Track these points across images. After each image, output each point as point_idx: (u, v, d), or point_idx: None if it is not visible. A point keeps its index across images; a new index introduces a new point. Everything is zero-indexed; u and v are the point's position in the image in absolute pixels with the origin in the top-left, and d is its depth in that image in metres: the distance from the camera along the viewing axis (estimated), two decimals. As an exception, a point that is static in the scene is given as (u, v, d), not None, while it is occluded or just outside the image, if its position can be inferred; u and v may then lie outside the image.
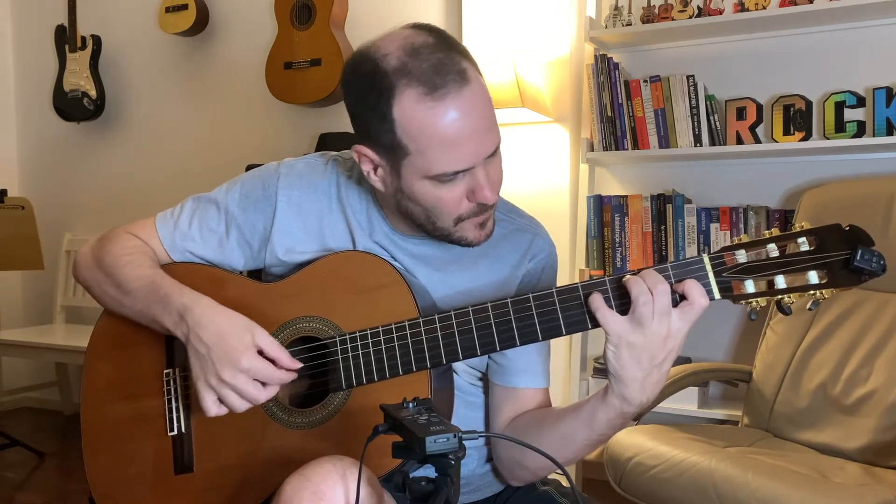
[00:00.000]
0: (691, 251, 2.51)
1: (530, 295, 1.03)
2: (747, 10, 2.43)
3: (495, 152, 1.08)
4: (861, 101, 2.38)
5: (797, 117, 2.41)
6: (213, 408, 1.07)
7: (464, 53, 1.05)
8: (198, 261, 1.24)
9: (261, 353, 1.07)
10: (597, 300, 0.99)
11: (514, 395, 1.21)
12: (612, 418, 1.06)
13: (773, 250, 0.96)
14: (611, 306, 0.99)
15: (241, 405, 1.06)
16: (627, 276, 0.98)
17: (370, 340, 1.09)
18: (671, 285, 0.96)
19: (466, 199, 1.07)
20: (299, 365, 1.09)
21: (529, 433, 1.15)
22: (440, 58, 1.01)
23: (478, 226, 1.11)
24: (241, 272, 1.25)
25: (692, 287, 0.96)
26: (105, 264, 1.20)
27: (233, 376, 1.04)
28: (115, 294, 1.19)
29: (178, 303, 1.10)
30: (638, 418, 2.07)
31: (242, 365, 1.04)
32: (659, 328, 0.96)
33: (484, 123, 1.04)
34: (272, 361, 1.08)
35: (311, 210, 1.20)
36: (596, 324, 1.00)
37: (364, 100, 1.06)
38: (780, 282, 0.95)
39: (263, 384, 1.06)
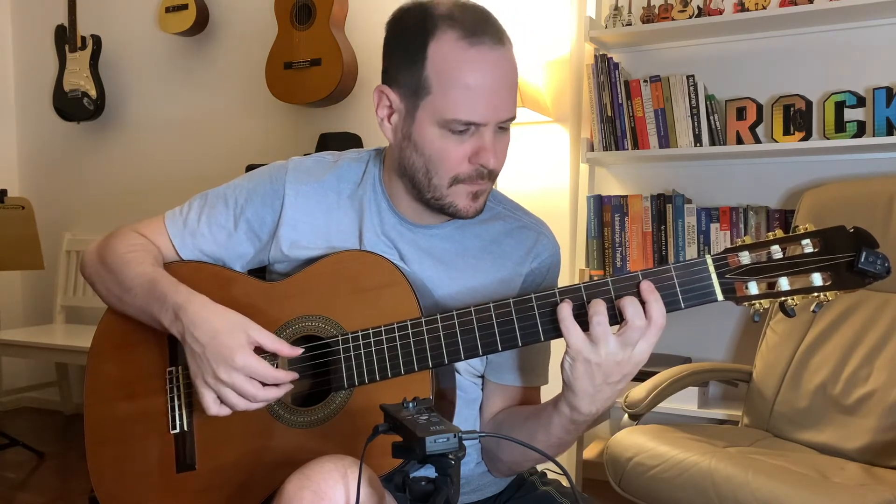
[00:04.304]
0: (691, 251, 2.51)
1: (532, 295, 1.03)
2: (747, 10, 2.43)
3: (506, 126, 1.11)
4: (861, 101, 2.39)
5: (797, 117, 2.41)
6: (213, 406, 1.07)
7: (504, 30, 1.11)
8: (206, 258, 1.25)
9: (260, 349, 1.07)
10: (564, 310, 0.99)
11: (499, 391, 1.23)
12: (565, 424, 1.07)
13: (776, 252, 0.95)
14: (610, 307, 0.99)
15: (241, 403, 1.06)
16: (594, 299, 0.98)
17: (372, 340, 1.09)
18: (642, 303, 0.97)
19: (468, 160, 1.09)
20: (300, 351, 1.09)
21: (502, 430, 1.17)
22: (486, 16, 1.09)
23: (471, 195, 1.12)
24: (245, 271, 1.26)
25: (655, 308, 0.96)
26: (108, 262, 1.21)
27: (228, 375, 1.04)
28: (116, 291, 1.20)
29: (173, 301, 1.11)
30: (637, 418, 2.08)
31: (237, 363, 1.04)
32: (618, 353, 0.97)
33: (507, 88, 1.09)
34: (273, 356, 1.08)
35: (318, 205, 1.21)
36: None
37: (403, 38, 1.11)
38: (784, 283, 0.95)
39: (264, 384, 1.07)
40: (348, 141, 3.06)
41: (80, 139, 3.87)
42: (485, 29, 1.07)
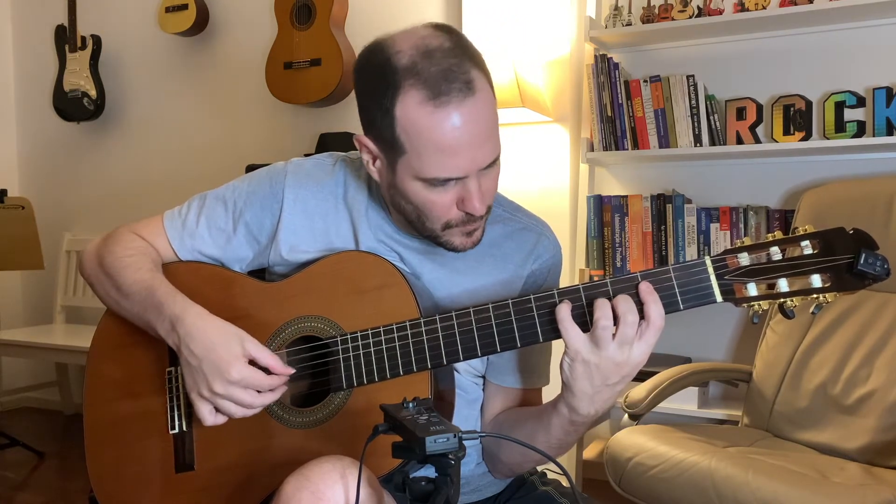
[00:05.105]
0: (691, 251, 2.51)
1: (531, 296, 1.03)
2: (747, 10, 2.43)
3: (492, 164, 1.07)
4: (861, 101, 2.39)
5: (797, 117, 2.41)
6: (209, 417, 1.08)
7: (477, 62, 1.05)
8: (205, 259, 1.24)
9: (253, 362, 1.07)
10: (562, 311, 0.99)
11: (499, 392, 1.23)
12: (564, 425, 1.07)
13: (776, 253, 0.95)
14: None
15: (238, 412, 1.07)
16: (599, 299, 0.98)
17: (371, 340, 1.09)
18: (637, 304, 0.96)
19: (456, 206, 1.07)
20: (292, 371, 1.09)
21: (502, 431, 1.17)
22: (451, 64, 1.01)
23: (465, 234, 1.11)
24: (245, 272, 1.25)
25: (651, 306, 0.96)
26: (106, 264, 1.21)
27: (224, 388, 1.05)
28: (114, 295, 1.20)
29: (170, 312, 1.11)
30: (637, 418, 2.08)
31: (233, 376, 1.04)
32: (616, 354, 0.97)
33: (483, 136, 1.03)
34: (266, 369, 1.08)
35: (316, 209, 1.21)
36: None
37: (371, 91, 1.06)
38: (783, 285, 0.95)
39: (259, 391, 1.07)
40: (348, 141, 3.06)
41: (80, 139, 3.87)
42: (451, 83, 1.00)
